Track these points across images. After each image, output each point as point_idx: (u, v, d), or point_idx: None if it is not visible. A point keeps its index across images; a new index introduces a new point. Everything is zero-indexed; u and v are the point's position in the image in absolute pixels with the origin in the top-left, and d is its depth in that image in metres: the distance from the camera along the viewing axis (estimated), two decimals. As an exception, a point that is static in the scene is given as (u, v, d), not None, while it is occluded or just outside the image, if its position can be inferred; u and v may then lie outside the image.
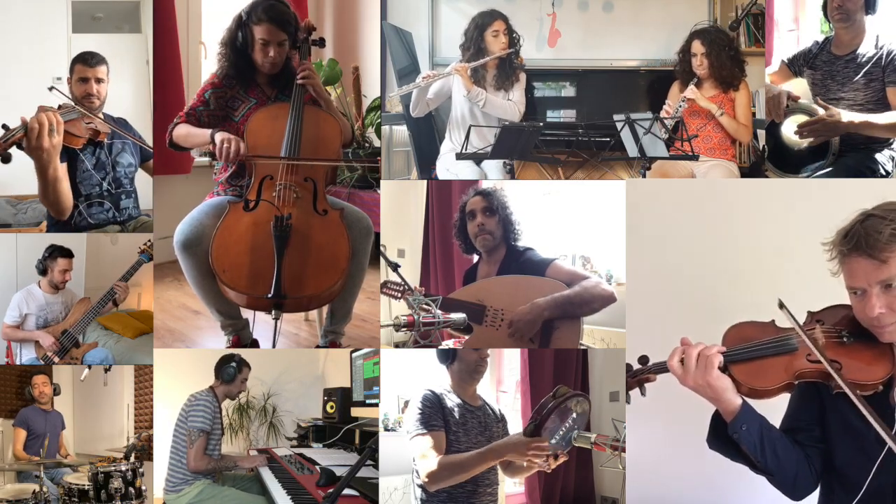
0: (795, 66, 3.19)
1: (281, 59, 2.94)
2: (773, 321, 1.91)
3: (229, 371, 3.23)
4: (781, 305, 1.83)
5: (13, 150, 2.67)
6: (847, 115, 2.94)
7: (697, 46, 3.26)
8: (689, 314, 2.77)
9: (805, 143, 3.07)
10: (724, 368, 1.82)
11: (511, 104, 3.36)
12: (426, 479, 2.36)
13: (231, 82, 2.97)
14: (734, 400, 1.80)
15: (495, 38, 3.33)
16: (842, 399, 1.76)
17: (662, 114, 3.28)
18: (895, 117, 2.93)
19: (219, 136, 2.77)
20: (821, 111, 2.99)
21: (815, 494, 1.93)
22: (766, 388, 1.80)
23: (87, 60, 3.13)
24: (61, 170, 2.88)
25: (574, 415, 2.28)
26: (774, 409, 1.93)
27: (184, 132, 2.90)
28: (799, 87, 3.21)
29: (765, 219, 2.78)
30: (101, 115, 3.14)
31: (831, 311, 1.89)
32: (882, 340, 1.76)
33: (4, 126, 2.67)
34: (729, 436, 1.82)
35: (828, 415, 1.85)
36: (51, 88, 3.04)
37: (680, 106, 3.25)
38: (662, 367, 1.88)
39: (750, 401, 1.83)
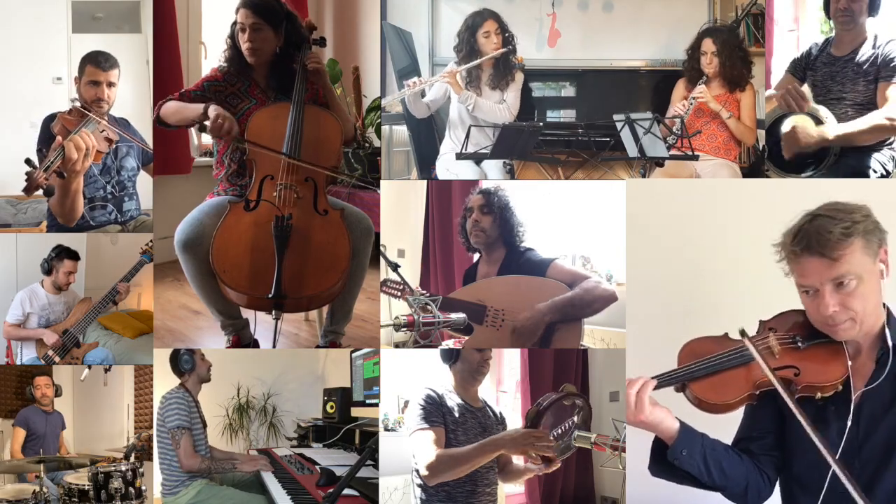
0: (798, 71, 3.17)
1: (260, 47, 2.91)
2: (727, 334, 1.92)
3: (186, 360, 3.18)
4: (743, 334, 1.85)
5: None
6: (832, 131, 2.96)
7: (708, 45, 3.26)
8: (689, 314, 2.77)
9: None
10: (682, 387, 1.85)
11: (501, 107, 3.35)
12: (426, 473, 2.37)
13: (231, 79, 2.97)
14: (671, 426, 1.83)
15: (487, 39, 3.33)
16: (803, 404, 1.76)
17: (674, 112, 3.29)
18: (876, 119, 2.93)
19: (213, 110, 2.72)
20: (824, 111, 3.00)
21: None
22: (728, 401, 1.82)
23: (99, 63, 3.07)
24: (82, 183, 2.88)
25: (574, 418, 2.30)
26: (730, 421, 1.95)
27: (174, 107, 2.85)
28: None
29: (765, 219, 2.78)
30: (106, 119, 3.12)
31: (782, 317, 1.91)
32: (836, 339, 1.79)
33: (40, 151, 2.66)
34: (671, 461, 1.84)
35: (787, 422, 1.87)
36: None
37: (691, 104, 3.25)
38: None
39: (713, 416, 1.83)
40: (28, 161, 2.63)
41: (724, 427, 1.96)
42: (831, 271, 1.71)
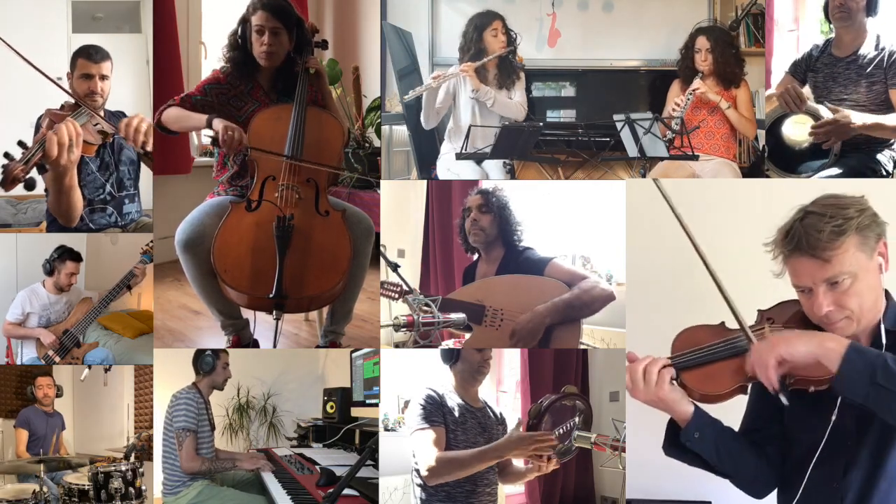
0: (799, 72, 3.18)
1: (277, 51, 2.92)
2: (723, 322, 1.89)
3: (207, 361, 3.18)
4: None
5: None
6: (857, 118, 2.92)
7: (702, 42, 3.27)
8: (689, 314, 2.76)
9: (806, 143, 3.07)
10: (674, 376, 1.81)
11: (517, 104, 3.38)
12: (426, 474, 2.37)
13: (234, 81, 2.96)
14: (687, 409, 1.80)
15: (494, 38, 3.35)
16: (797, 395, 1.73)
17: (672, 108, 3.29)
18: None
19: (219, 123, 2.72)
20: (824, 111, 3.00)
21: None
22: (719, 392, 1.78)
23: (91, 56, 3.03)
24: (76, 178, 2.82)
25: (576, 419, 2.30)
26: (732, 411, 1.92)
27: (175, 114, 2.84)
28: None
29: (765, 219, 2.78)
30: (101, 112, 3.10)
31: (781, 307, 1.87)
32: None
33: (21, 143, 2.54)
34: (683, 443, 1.82)
35: (785, 412, 1.83)
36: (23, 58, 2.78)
37: (689, 98, 3.25)
38: None
39: (704, 406, 1.81)
40: (6, 154, 2.51)
41: (723, 414, 1.93)
42: (823, 272, 1.66)
